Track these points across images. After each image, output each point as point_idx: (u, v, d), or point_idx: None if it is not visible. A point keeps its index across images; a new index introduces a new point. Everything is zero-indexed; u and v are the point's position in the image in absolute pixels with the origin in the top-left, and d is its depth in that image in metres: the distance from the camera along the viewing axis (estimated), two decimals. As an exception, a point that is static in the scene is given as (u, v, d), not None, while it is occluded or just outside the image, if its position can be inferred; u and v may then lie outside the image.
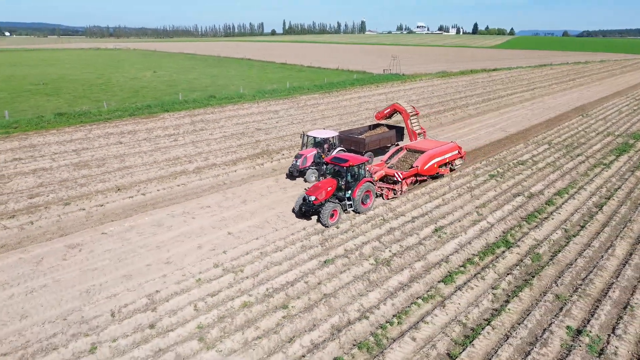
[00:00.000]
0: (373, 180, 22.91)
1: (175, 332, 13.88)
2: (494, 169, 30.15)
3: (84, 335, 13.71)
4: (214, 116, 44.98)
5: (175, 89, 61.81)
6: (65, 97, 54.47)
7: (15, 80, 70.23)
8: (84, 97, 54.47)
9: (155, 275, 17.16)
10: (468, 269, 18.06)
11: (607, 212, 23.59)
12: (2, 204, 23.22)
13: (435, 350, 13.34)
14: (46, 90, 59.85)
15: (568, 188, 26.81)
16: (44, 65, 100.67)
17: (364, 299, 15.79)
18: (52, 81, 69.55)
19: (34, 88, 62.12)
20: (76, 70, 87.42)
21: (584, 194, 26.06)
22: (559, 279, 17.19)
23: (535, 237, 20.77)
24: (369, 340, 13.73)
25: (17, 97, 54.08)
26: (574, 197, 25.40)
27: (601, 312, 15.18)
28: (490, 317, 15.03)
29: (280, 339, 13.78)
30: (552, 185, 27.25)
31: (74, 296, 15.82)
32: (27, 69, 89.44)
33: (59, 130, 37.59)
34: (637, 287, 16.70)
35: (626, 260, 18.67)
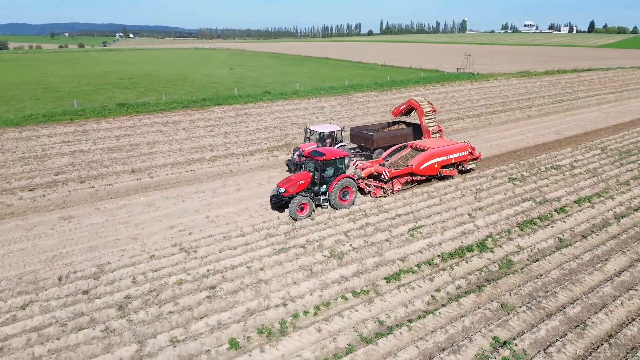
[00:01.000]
0: (354, 177, 22.38)
1: (102, 299, 14.90)
2: (518, 172, 27.98)
3: (25, 293, 15.23)
4: (259, 110, 46.44)
5: (240, 84, 64.61)
6: (138, 90, 59.36)
7: (108, 75, 77.80)
8: (154, 90, 58.96)
9: (116, 249, 18.45)
10: (422, 269, 17.16)
11: (625, 224, 20.96)
12: (31, 178, 26.20)
13: (334, 344, 12.97)
14: (127, 84, 65.63)
15: (593, 196, 24.14)
16: (140, 62, 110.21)
17: (294, 287, 15.70)
18: (137, 77, 76.02)
19: (118, 82, 68.40)
20: (163, 67, 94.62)
21: (609, 203, 23.32)
22: (517, 289, 15.73)
23: (519, 244, 19.11)
24: (274, 326, 13.69)
25: (99, 90, 59.98)
26: (594, 206, 22.85)
27: (544, 327, 13.70)
28: (415, 318, 14.22)
29: (192, 316, 14.21)
30: (577, 192, 24.68)
31: (40, 260, 17.56)
32: (124, 66, 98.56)
33: (115, 119, 41.22)
34: (607, 306, 14.77)
35: (613, 277, 16.54)
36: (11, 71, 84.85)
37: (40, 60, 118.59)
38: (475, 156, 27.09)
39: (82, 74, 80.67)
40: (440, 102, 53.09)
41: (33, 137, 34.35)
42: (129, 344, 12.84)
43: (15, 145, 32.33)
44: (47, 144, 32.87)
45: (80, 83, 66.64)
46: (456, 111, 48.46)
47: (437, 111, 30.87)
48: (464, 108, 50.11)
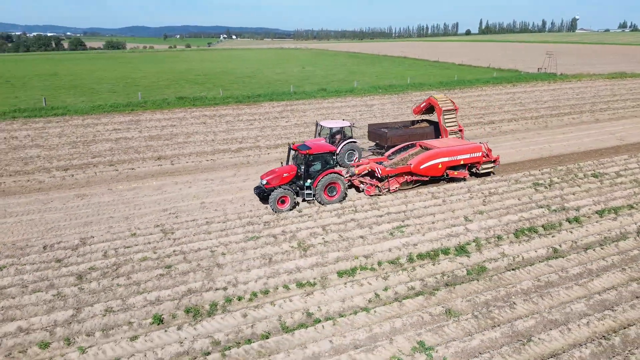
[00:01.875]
0: (342, 172, 21.93)
1: (68, 268, 16.25)
2: (548, 178, 25.71)
3: (10, 257, 17.05)
4: (306, 107, 47.02)
5: (303, 82, 65.77)
6: (206, 86, 62.75)
7: (188, 72, 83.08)
8: (220, 86, 61.95)
9: (106, 225, 19.92)
10: (383, 267, 16.57)
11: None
12: (70, 159, 29.01)
13: (252, 330, 13.03)
14: (199, 80, 69.64)
15: (623, 208, 21.58)
16: (224, 61, 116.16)
17: (244, 273, 15.93)
18: (213, 74, 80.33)
19: (193, 78, 72.79)
20: (241, 66, 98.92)
21: (638, 216, 20.73)
22: (473, 295, 14.66)
23: (503, 251, 17.69)
24: (204, 307, 14.05)
25: (171, 84, 64.32)
26: (618, 218, 20.47)
27: (480, 337, 12.67)
28: (347, 314, 13.80)
29: (136, 290, 15.00)
30: (606, 202, 22.19)
31: (39, 230, 19.49)
32: (208, 64, 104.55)
33: (169, 111, 44.11)
34: (568, 324, 13.28)
35: (594, 294, 14.79)
36: (108, 68, 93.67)
37: (139, 58, 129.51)
38: (492, 159, 25.31)
39: (167, 70, 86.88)
40: (502, 102, 50.08)
41: (91, 125, 37.85)
42: (67, 309, 13.89)
43: (73, 131, 35.85)
44: (100, 131, 36.04)
45: (159, 78, 71.85)
46: (514, 112, 45.39)
47: (458, 110, 29.15)
48: (525, 109, 46.78)
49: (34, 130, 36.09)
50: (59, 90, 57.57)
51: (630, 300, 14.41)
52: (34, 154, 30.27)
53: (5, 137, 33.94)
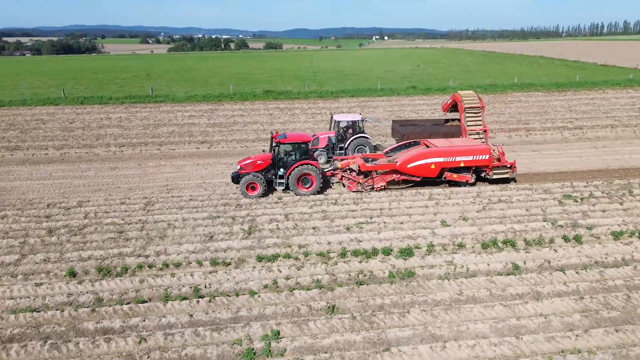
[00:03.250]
0: (317, 164, 21.43)
1: (48, 223, 18.89)
2: (589, 191, 21.99)
3: (19, 209, 20.38)
4: (381, 103, 46.10)
5: (405, 80, 64.30)
6: (305, 81, 64.98)
7: (303, 70, 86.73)
8: (316, 81, 63.70)
9: (108, 193, 22.50)
10: (308, 258, 16.12)
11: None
12: (131, 138, 32.97)
13: (133, 295, 13.93)
14: (306, 76, 72.33)
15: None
16: (349, 60, 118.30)
17: (175, 246, 16.79)
18: (325, 71, 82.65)
19: (301, 74, 75.85)
20: (359, 64, 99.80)
21: None
22: (371, 297, 13.66)
23: (451, 260, 15.90)
24: (117, 269, 15.29)
25: (277, 79, 67.97)
26: (634, 243, 16.91)
27: (339, 337, 11.89)
28: (217, 294, 13.90)
29: (80, 247, 16.86)
30: (630, 222, 18.41)
31: (58, 192, 22.84)
32: (329, 62, 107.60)
33: (251, 102, 46.95)
34: (455, 340, 11.72)
35: (514, 318, 12.71)
36: (239, 64, 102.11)
37: (276, 57, 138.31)
38: (505, 164, 22.36)
39: (286, 68, 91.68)
40: (613, 107, 43.17)
41: (173, 111, 42.22)
42: (17, 255, 16.28)
43: (156, 116, 40.43)
44: (176, 117, 40.05)
45: (272, 75, 76.29)
46: (618, 118, 38.91)
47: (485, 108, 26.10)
48: (633, 116, 39.77)
49: (127, 113, 41.52)
50: (177, 82, 64.81)
51: (554, 331, 12.01)
52: (111, 132, 34.98)
53: (102, 117, 39.69)
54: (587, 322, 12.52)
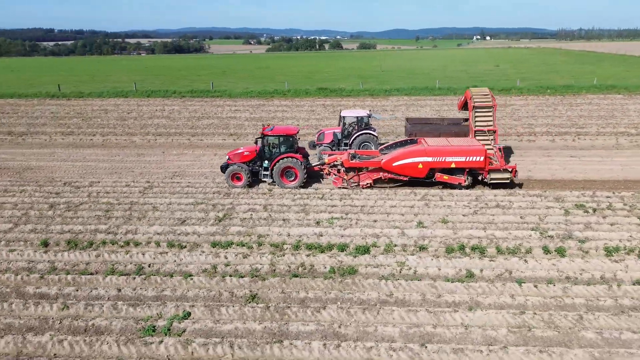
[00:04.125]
0: (300, 158, 21.36)
1: (54, 199, 20.77)
2: (607, 202, 19.67)
3: (39, 185, 22.62)
4: (430, 102, 44.49)
5: (476, 79, 61.40)
6: (370, 79, 64.49)
7: (371, 68, 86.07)
8: (375, 79, 62.87)
9: (120, 175, 24.22)
10: (260, 247, 16.20)
11: (620, 292, 13.36)
12: (170, 128, 35.02)
13: (82, 267, 14.97)
14: (372, 75, 71.72)
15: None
16: (427, 59, 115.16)
17: (145, 227, 17.64)
18: (396, 70, 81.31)
19: (368, 74, 75.30)
20: (436, 63, 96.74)
21: None
22: (299, 290, 13.49)
23: (402, 261, 15.11)
24: (83, 243, 16.48)
25: (341, 77, 68.15)
26: (624, 262, 14.94)
27: (242, 325, 11.95)
28: (154, 273, 14.43)
29: (67, 222, 18.34)
30: (637, 239, 16.24)
31: (80, 173, 25.07)
32: (405, 61, 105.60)
33: (300, 99, 47.62)
34: (345, 339, 11.28)
35: (415, 327, 11.90)
36: (316, 63, 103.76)
37: (358, 57, 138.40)
38: (504, 167, 20.58)
39: (361, 66, 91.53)
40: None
41: (224, 105, 44.09)
42: (11, 224, 18.14)
43: (204, 109, 42.52)
44: (224, 111, 41.78)
45: (340, 73, 76.61)
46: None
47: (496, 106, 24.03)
48: None
49: (181, 105, 44.11)
50: (245, 79, 67.47)
51: (468, 344, 11.05)
52: (157, 122, 37.44)
53: (157, 109, 42.58)
54: (513, 338, 11.30)
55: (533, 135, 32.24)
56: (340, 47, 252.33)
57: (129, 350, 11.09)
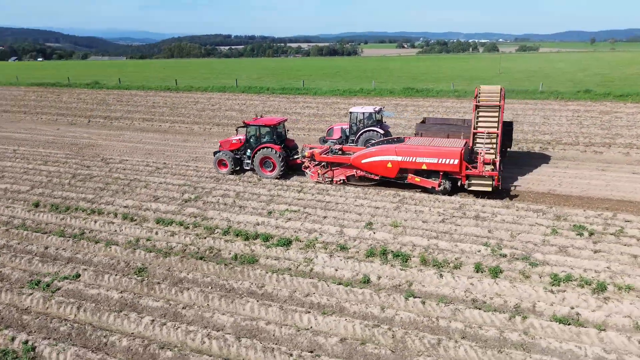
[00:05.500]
0: (279, 149, 21.27)
1: (81, 171, 23.86)
2: (617, 227, 16.14)
3: (81, 159, 26.15)
4: (522, 107, 40.27)
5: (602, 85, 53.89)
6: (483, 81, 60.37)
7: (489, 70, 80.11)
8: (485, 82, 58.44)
9: (148, 157, 26.72)
10: (194, 228, 16.73)
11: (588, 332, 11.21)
12: (229, 120, 37.27)
13: (59, 229, 17.19)
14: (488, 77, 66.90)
15: (618, 289, 12.52)
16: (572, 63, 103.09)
17: (124, 201, 19.41)
18: (517, 72, 74.66)
19: (484, 75, 70.40)
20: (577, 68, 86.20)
21: (624, 308, 11.88)
22: (184, 271, 13.88)
23: (309, 259, 14.45)
24: (69, 210, 18.79)
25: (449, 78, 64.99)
26: (566, 291, 12.42)
27: (113, 295, 12.83)
28: (89, 238, 15.85)
29: (71, 190, 21.02)
30: (610, 272, 13.16)
31: (123, 151, 28.15)
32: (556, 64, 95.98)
33: (381, 97, 46.95)
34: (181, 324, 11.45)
35: (247, 320, 11.41)
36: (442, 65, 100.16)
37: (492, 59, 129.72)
38: (482, 173, 17.86)
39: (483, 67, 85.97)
40: None
41: (299, 102, 45.35)
42: (29, 186, 21.37)
43: (278, 104, 44.29)
44: (296, 107, 42.98)
45: (454, 75, 72.92)
46: None
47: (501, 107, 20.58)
48: None
49: (260, 100, 46.59)
50: (347, 78, 68.19)
51: (288, 345, 10.33)
52: (228, 114, 40.14)
53: (239, 103, 45.57)
54: (338, 349, 10.20)
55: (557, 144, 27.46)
56: (496, 49, 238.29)
57: (3, 298, 12.50)
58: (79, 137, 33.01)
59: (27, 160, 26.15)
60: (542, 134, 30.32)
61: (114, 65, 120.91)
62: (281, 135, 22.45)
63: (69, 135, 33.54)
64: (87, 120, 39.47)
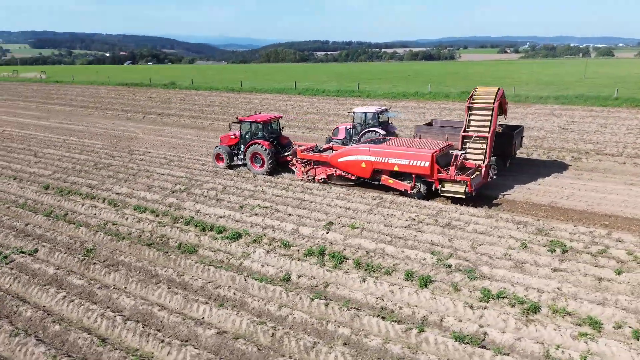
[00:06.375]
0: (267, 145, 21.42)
1: (106, 160, 25.87)
2: (602, 245, 14.29)
3: (112, 149, 28.29)
4: (578, 112, 36.86)
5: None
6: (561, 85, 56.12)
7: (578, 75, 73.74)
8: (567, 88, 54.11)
9: (171, 150, 28.16)
10: (159, 215, 17.47)
11: None
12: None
13: (60, 212, 18.90)
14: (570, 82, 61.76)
15: (552, 313, 11.15)
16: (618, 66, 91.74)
17: (121, 188, 20.78)
18: (604, 77, 68.15)
19: (569, 80, 65.13)
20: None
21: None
22: (129, 256, 14.60)
23: (244, 253, 14.48)
24: (72, 192, 20.54)
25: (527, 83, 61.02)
26: (487, 309, 11.33)
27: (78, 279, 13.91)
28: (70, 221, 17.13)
29: (85, 176, 22.89)
30: (563, 295, 11.70)
31: (153, 145, 29.94)
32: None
33: (433, 101, 45.52)
34: None
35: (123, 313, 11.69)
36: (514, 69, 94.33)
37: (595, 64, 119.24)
38: (454, 177, 16.43)
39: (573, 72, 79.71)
40: None
41: (347, 104, 45.23)
42: (53, 171, 23.54)
43: (324, 105, 44.45)
44: (341, 108, 42.96)
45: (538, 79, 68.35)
46: None
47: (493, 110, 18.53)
48: None
49: (308, 102, 47.08)
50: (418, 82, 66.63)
51: (138, 333, 10.50)
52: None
53: (288, 103, 46.46)
54: (212, 341, 10.14)
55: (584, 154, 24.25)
56: (611, 54, 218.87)
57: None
58: (125, 130, 35.63)
59: (67, 149, 28.78)
60: (585, 142, 27.43)
61: (208, 69, 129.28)
62: (274, 132, 22.62)
63: (119, 129, 36.35)
64: (142, 116, 42.44)
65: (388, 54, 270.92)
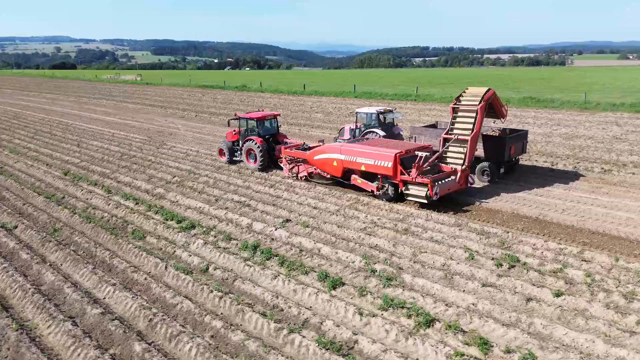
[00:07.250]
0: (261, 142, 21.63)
1: (128, 151, 27.83)
2: (556, 259, 12.84)
3: (141, 142, 30.34)
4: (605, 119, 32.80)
5: None
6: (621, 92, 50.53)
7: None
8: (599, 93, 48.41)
9: (194, 145, 29.45)
10: (138, 206, 18.41)
11: None
12: (298, 120, 38.35)
13: (67, 199, 20.86)
14: None
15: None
16: None
17: (126, 178, 22.32)
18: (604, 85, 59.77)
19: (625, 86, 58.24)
20: None
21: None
22: (79, 235, 15.69)
23: (198, 246, 14.87)
24: (86, 181, 22.45)
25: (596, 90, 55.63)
26: (397, 322, 10.72)
27: None
28: (69, 205, 18.70)
29: (99, 164, 24.79)
30: (485, 311, 10.69)
31: (182, 140, 31.58)
32: None
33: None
34: None
35: None
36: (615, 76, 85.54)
37: None
38: (415, 179, 15.13)
39: None
40: None
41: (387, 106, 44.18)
42: (80, 159, 25.79)
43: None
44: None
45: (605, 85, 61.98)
46: None
47: None
48: None
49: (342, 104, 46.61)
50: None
51: None
52: (308, 116, 41.39)
53: (332, 105, 46.48)
54: (92, 320, 10.59)
55: None
56: None
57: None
58: (172, 127, 37.79)
59: (108, 141, 31.26)
60: (631, 154, 24.27)
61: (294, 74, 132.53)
62: (270, 130, 22.85)
63: (166, 125, 38.65)
64: (194, 115, 44.80)
65: (490, 60, 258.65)
